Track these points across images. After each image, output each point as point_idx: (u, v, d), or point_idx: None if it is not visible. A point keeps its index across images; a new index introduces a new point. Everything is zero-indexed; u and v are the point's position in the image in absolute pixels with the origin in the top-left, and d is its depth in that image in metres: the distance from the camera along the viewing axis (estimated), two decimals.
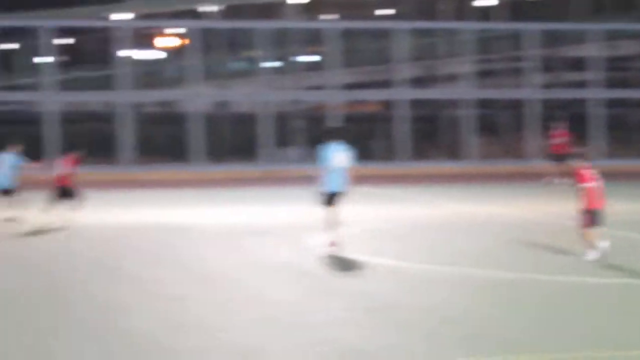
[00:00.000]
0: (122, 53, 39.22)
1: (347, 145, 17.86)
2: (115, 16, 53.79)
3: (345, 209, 17.67)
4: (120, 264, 16.47)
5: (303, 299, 13.19)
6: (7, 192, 23.27)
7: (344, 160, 17.73)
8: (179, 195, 30.54)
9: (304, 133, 42.25)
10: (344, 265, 16.22)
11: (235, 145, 45.11)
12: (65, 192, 23.05)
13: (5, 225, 22.12)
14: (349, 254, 17.16)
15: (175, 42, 61.68)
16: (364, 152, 45.71)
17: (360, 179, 18.28)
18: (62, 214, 22.66)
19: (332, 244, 17.43)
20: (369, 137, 47.49)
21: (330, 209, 17.61)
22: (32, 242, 19.69)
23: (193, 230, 21.15)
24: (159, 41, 57.88)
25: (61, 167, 23.40)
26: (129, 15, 51.16)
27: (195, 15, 53.07)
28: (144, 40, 50.34)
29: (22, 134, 40.08)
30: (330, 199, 17.63)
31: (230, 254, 17.62)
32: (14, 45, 61.14)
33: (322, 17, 58.41)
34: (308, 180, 21.21)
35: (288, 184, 33.24)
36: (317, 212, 18.02)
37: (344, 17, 54.16)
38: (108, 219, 23.68)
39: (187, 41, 46.91)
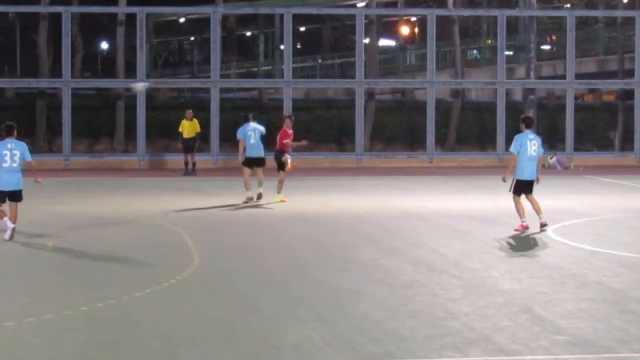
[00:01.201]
0: (360, 40, 39.61)
1: (537, 133, 19.33)
2: (355, 3, 54.42)
3: (577, 199, 17.47)
4: (347, 250, 16.63)
5: (534, 288, 13.01)
6: (259, 162, 24.25)
7: (536, 149, 18.84)
8: (409, 183, 30.64)
9: (537, 122, 41.60)
10: (571, 254, 15.92)
11: (470, 133, 44.91)
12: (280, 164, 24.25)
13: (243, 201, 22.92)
14: (580, 244, 16.94)
15: (413, 29, 61.98)
16: (600, 141, 44.84)
17: (596, 169, 17.97)
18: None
19: (543, 225, 18.73)
20: (606, 127, 46.37)
21: (526, 196, 18.86)
22: (255, 226, 20.14)
23: (422, 217, 21.20)
24: (397, 29, 58.32)
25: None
26: (363, 2, 51.64)
27: (432, 2, 53.05)
28: (382, 27, 50.76)
29: (260, 121, 41.42)
30: (524, 187, 18.83)
31: (459, 241, 17.55)
32: (254, 33, 63.02)
33: (558, 5, 57.30)
34: (543, 168, 20.95)
35: None
36: (516, 200, 18.92)
37: (578, 6, 52.96)
38: (338, 204, 24.01)
39: (424, 29, 46.94)
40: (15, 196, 17.57)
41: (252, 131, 24.27)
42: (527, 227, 18.63)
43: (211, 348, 9.93)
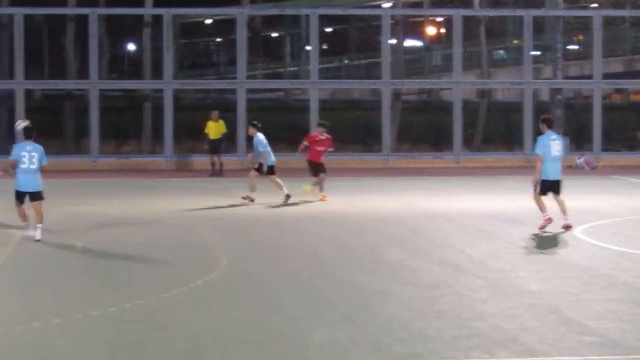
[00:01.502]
0: (386, 41, 39.60)
1: (561, 134, 19.16)
2: (380, 4, 54.37)
3: (605, 199, 17.47)
4: (373, 251, 16.62)
5: (561, 289, 12.95)
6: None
7: (560, 149, 18.97)
8: (436, 184, 30.59)
9: (565, 122, 41.46)
10: (598, 255, 15.85)
11: (497, 134, 44.79)
12: (315, 168, 24.97)
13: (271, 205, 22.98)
14: (608, 244, 16.85)
15: (439, 30, 61.84)
16: (628, 141, 44.58)
17: (624, 170, 17.89)
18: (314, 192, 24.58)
19: (567, 226, 18.75)
20: (634, 127, 46.11)
21: (554, 197, 18.92)
22: (281, 226, 20.18)
23: (449, 217, 21.14)
24: (422, 29, 58.19)
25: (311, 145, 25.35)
26: (390, 3, 51.58)
27: (458, 3, 52.92)
28: (408, 28, 50.71)
29: (286, 122, 41.48)
30: (550, 187, 18.84)
31: (485, 242, 17.50)
32: (280, 34, 63.08)
33: (585, 5, 57.04)
34: (571, 168, 20.95)
35: None
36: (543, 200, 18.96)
37: (605, 5, 52.71)
38: (364, 205, 24.00)
39: (450, 30, 46.85)
40: (35, 197, 17.74)
41: (267, 141, 24.62)
42: (551, 220, 18.57)
43: (237, 349, 9.94)
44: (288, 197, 23.99)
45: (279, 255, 16.26)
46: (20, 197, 17.80)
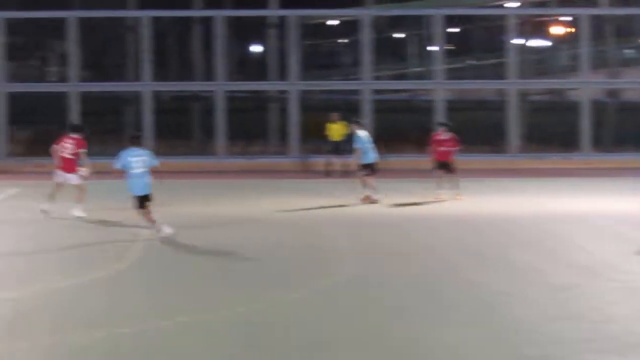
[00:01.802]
0: (511, 41, 39.17)
1: None
2: (505, 4, 53.82)
3: None
4: (499, 252, 16.39)
5: None
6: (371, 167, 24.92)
7: None
8: (564, 184, 30.04)
9: None
10: None
11: (627, 134, 43.83)
12: (446, 166, 24.85)
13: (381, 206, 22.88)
14: None
15: (566, 29, 60.91)
16: None
17: None
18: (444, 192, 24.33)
19: None
20: None
21: None
22: (404, 227, 20.02)
23: (577, 218, 20.70)
24: (548, 29, 57.40)
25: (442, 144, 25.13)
26: (516, 3, 50.99)
27: (585, 1, 52.01)
28: (533, 27, 50.09)
29: (413, 122, 41.33)
30: None
31: (615, 243, 17.09)
32: (405, 34, 62.97)
33: None
34: None
35: None
36: None
37: None
38: (490, 206, 23.69)
39: (577, 28, 46.06)
40: (146, 199, 18.14)
41: (367, 138, 24.91)
42: None
43: (361, 351, 9.87)
44: (368, 198, 23.86)
45: (401, 256, 16.14)
46: (138, 201, 18.20)
